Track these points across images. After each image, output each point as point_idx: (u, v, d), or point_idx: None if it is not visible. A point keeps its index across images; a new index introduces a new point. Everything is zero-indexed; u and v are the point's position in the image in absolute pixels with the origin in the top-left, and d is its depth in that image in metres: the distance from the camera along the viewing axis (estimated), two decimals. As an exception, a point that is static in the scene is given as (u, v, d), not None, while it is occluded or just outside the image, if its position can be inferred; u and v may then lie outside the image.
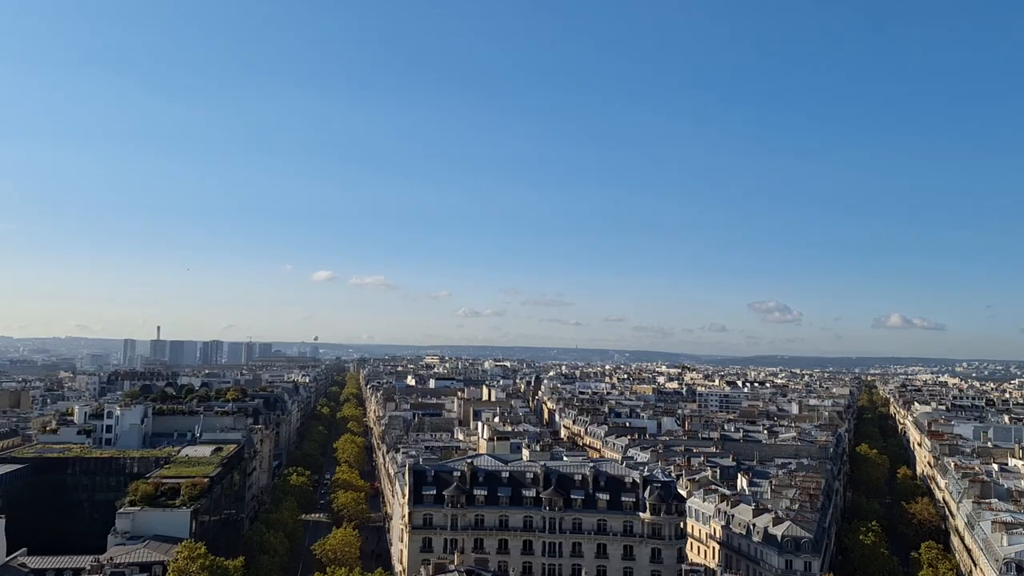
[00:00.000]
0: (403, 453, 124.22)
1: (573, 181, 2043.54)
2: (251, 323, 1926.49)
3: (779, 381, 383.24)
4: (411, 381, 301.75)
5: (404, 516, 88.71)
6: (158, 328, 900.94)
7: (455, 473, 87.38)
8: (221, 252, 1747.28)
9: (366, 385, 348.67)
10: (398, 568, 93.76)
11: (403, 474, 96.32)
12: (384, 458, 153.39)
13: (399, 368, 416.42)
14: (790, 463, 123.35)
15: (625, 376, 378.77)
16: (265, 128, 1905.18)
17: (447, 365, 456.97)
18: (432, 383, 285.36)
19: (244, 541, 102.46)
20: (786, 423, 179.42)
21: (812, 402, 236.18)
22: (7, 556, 74.40)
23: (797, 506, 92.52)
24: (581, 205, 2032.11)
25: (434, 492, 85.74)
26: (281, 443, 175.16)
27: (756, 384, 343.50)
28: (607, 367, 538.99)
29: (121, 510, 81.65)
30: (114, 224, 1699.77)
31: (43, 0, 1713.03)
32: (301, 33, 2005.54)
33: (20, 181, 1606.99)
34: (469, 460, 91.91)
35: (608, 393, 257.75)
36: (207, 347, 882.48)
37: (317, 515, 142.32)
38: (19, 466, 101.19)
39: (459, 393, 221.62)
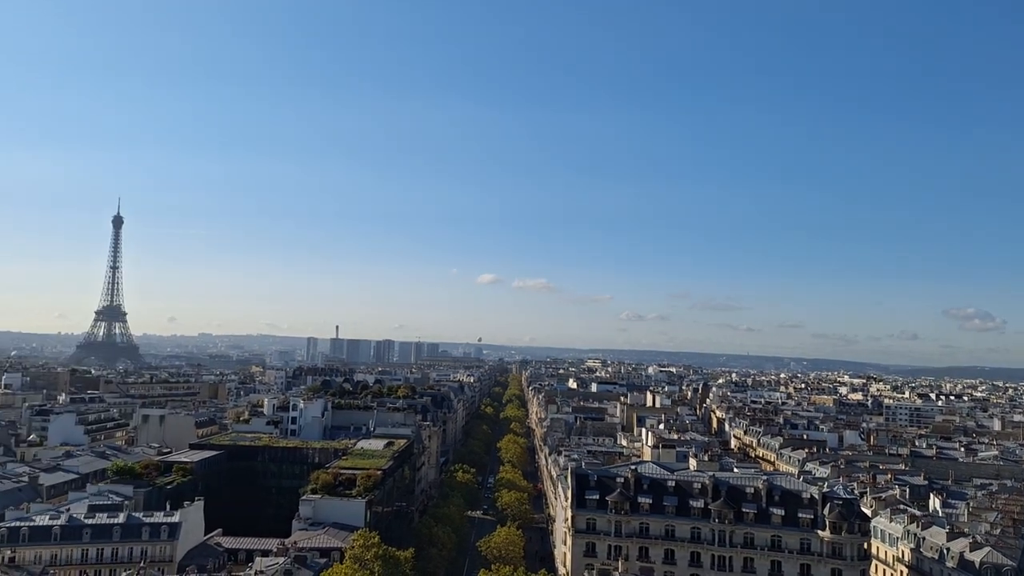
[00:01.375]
0: (565, 456, 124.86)
1: (740, 179, 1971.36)
2: (420, 324, 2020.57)
3: (978, 394, 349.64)
4: (573, 384, 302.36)
5: (567, 519, 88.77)
6: (337, 327, 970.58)
7: (619, 479, 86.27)
8: (394, 256, 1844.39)
9: (528, 387, 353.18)
10: (561, 571, 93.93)
11: (566, 477, 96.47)
12: (546, 460, 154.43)
13: (561, 371, 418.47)
14: (990, 484, 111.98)
15: (802, 386, 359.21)
16: (433, 137, 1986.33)
17: (609, 369, 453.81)
18: (594, 387, 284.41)
19: (414, 533, 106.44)
20: (986, 440, 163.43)
21: (1017, 418, 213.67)
22: (205, 535, 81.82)
23: (999, 531, 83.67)
24: (751, 205, 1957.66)
25: (597, 497, 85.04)
26: (448, 440, 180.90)
27: (952, 397, 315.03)
28: (782, 375, 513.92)
29: (304, 497, 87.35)
30: (300, 231, 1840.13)
31: (257, 24, 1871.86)
32: (458, 42, 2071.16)
33: (227, 190, 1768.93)
34: (633, 467, 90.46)
35: (783, 403, 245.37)
36: (380, 346, 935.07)
37: (481, 512, 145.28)
38: (216, 452, 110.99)
39: (622, 398, 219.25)
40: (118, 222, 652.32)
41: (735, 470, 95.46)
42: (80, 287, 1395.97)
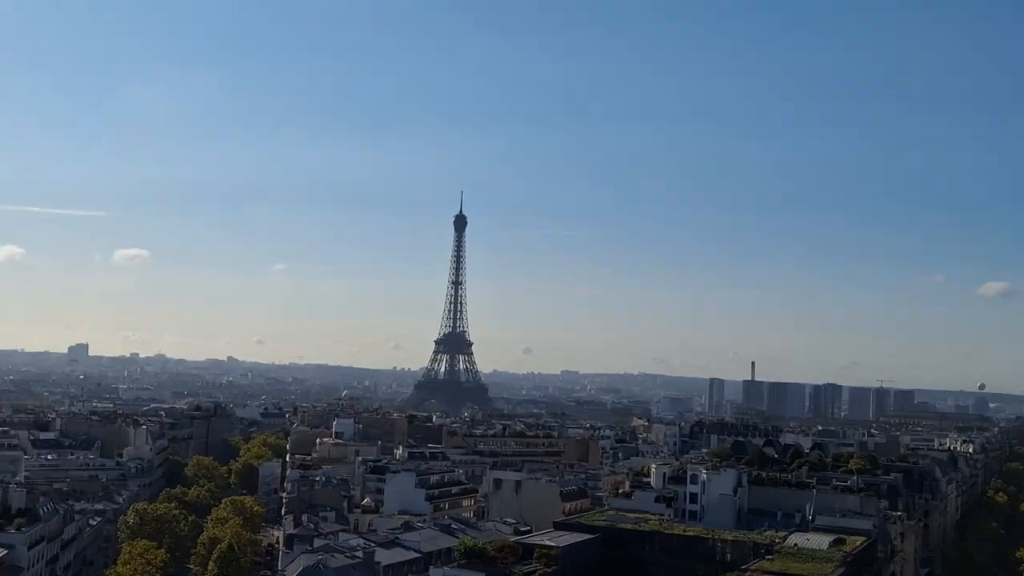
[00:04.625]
0: None
1: None
2: (883, 360, 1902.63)
3: None
4: None
5: None
6: (752, 365, 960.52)
7: None
8: (839, 260, 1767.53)
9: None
10: None
11: None
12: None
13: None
14: None
15: None
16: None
17: None
18: None
19: None
20: None
21: None
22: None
23: None
24: None
25: None
26: (932, 541, 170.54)
27: None
28: None
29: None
30: (703, 226, 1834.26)
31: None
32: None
33: (595, 173, 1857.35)
34: None
35: None
36: (819, 392, 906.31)
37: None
38: (588, 536, 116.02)
39: None
40: (461, 223, 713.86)
41: None
42: (418, 310, 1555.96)
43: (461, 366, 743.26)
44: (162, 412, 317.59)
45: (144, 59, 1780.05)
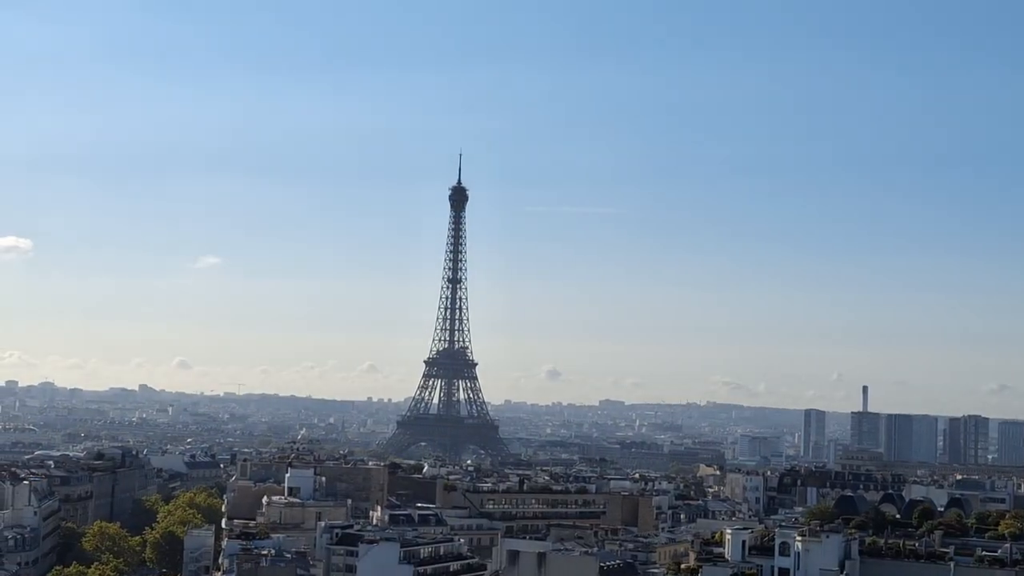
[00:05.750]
0: None
1: None
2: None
3: None
4: None
5: None
6: (865, 391, 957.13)
7: None
8: (982, 243, 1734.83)
9: None
10: None
11: None
12: None
13: None
14: None
15: None
16: None
17: None
18: None
19: None
20: None
21: None
22: None
23: None
24: None
25: None
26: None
27: None
28: None
29: None
30: (794, 203, 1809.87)
31: None
32: None
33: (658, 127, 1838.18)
34: None
35: None
36: (956, 428, 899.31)
37: None
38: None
39: None
40: (459, 198, 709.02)
41: None
42: (401, 318, 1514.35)
43: (461, 395, 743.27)
44: (51, 462, 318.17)
45: None
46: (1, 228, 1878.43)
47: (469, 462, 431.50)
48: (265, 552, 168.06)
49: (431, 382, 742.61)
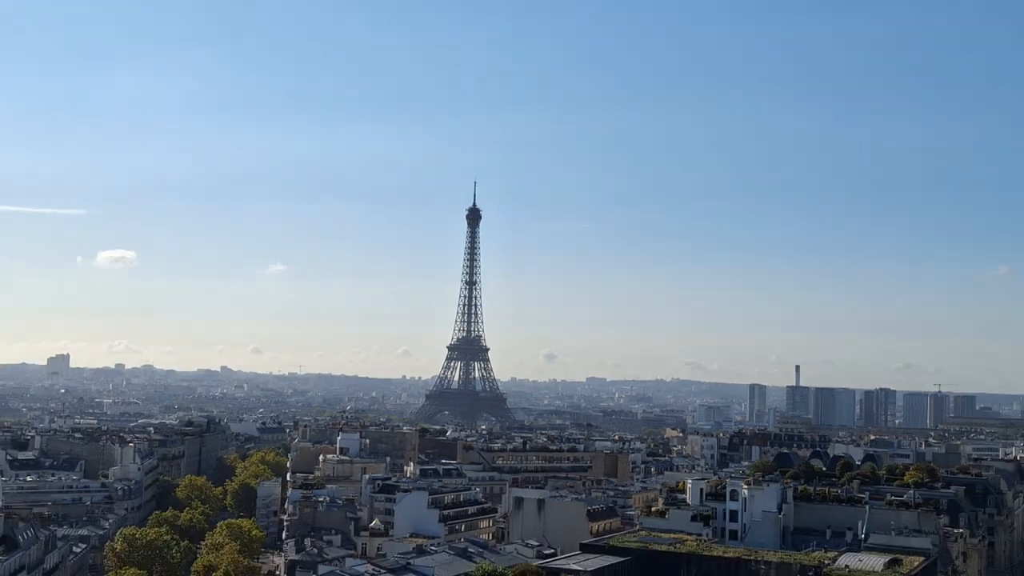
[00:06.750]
0: None
1: None
2: (941, 363, 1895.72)
3: None
4: None
5: None
6: (797, 369, 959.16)
7: None
8: (896, 250, 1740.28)
9: None
10: None
11: None
12: None
13: None
14: None
15: None
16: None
17: None
18: None
19: None
20: None
21: None
22: None
23: None
24: None
25: None
26: (998, 561, 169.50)
27: None
28: None
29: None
30: (739, 216, 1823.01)
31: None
32: None
33: (632, 158, 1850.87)
34: None
35: None
36: (871, 399, 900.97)
37: None
38: (619, 559, 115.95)
39: None
40: (474, 217, 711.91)
41: None
42: (429, 313, 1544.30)
43: (477, 374, 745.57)
44: (151, 428, 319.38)
45: (126, 43, 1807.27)
46: (112, 242, 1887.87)
47: (483, 427, 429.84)
48: (321, 499, 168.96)
49: (452, 364, 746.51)
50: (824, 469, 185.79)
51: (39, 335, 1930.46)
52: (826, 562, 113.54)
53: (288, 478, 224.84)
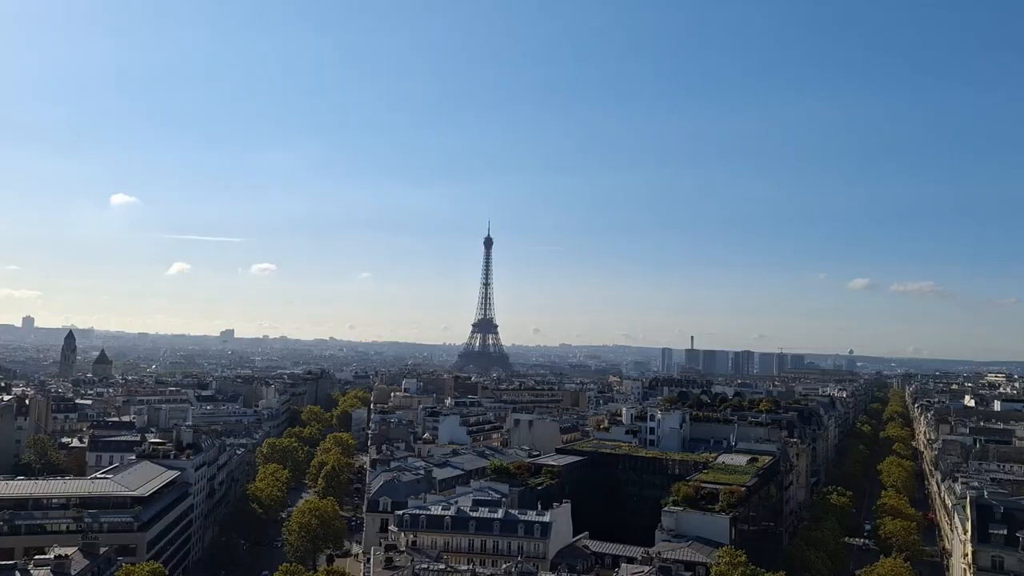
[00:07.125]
0: (963, 483, 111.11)
1: None
2: (783, 334, 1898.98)
3: None
4: (969, 401, 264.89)
5: (966, 555, 77.92)
6: (692, 338, 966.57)
7: (1036, 514, 73.63)
8: (753, 262, 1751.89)
9: (913, 404, 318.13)
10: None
11: (964, 507, 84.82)
12: (939, 487, 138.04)
13: (954, 386, 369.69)
14: None
15: None
16: (794, 132, 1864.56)
17: (1016, 385, 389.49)
18: (997, 405, 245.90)
19: (783, 556, 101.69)
20: None
21: None
22: (573, 537, 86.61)
23: None
24: None
25: (1004, 532, 73.41)
26: (818, 460, 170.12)
27: None
28: None
29: (666, 508, 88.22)
30: (655, 241, 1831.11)
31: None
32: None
33: (582, 206, 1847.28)
34: (1056, 501, 76.56)
35: None
36: (738, 357, 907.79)
37: (860, 540, 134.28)
38: (580, 458, 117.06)
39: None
40: (489, 243, 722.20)
41: None
42: (460, 303, 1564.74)
43: (490, 342, 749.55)
44: (285, 376, 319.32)
45: (271, 127, 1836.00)
46: (261, 259, 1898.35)
47: (494, 375, 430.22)
48: (392, 420, 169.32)
49: (475, 335, 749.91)
50: (709, 401, 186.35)
51: (214, 316, 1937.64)
52: (710, 460, 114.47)
53: (372, 407, 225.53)
